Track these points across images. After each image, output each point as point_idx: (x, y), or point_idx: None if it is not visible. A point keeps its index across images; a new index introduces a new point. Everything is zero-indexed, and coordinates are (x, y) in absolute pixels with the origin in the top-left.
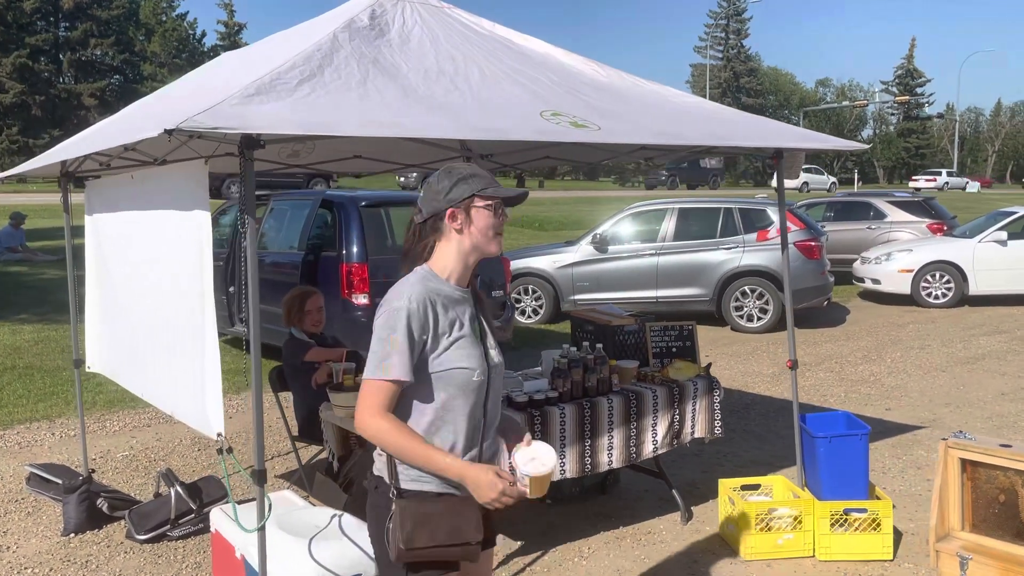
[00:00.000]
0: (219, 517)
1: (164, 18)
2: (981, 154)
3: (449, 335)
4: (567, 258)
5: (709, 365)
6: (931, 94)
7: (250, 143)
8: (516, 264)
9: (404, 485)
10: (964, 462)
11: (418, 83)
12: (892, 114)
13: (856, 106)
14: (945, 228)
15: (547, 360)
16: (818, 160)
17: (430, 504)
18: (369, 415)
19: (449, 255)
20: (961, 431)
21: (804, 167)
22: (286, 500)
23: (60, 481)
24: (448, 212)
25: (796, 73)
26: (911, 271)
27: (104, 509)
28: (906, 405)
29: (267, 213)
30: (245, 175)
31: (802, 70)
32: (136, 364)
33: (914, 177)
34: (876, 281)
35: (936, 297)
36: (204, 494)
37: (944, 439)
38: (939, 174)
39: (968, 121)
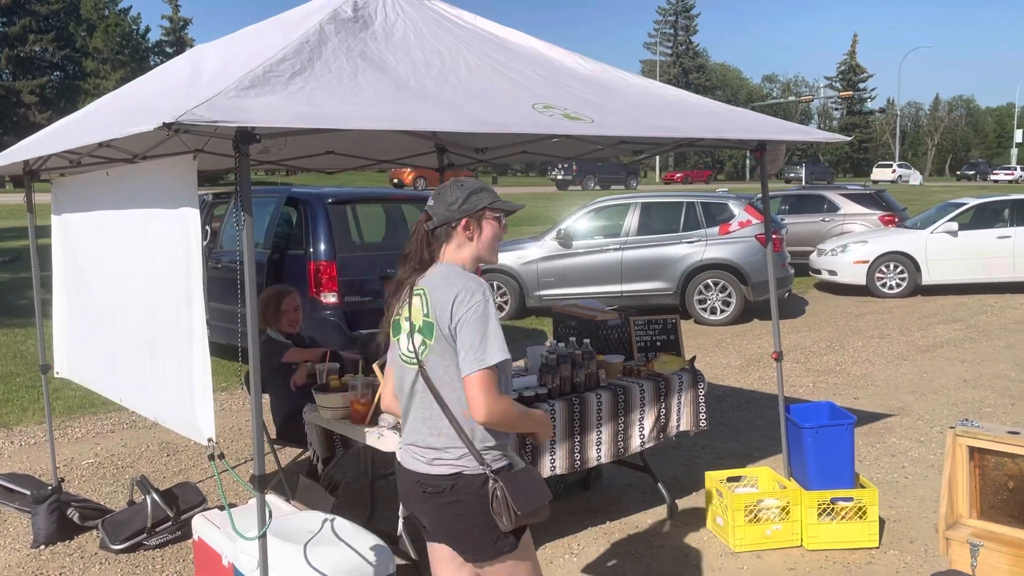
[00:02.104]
0: (203, 524)
1: (106, 13)
2: (921, 148)
3: None
4: (532, 254)
5: (693, 358)
6: (873, 89)
7: (246, 137)
8: None
9: (494, 466)
10: (972, 450)
11: (408, 76)
12: (836, 109)
13: (802, 101)
14: (896, 220)
15: (533, 356)
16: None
17: (518, 472)
18: (493, 400)
19: (463, 258)
20: (967, 419)
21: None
22: (273, 505)
23: (28, 492)
24: (463, 221)
25: (743, 69)
26: (866, 262)
27: (75, 519)
28: (873, 394)
29: (229, 211)
30: (241, 170)
31: (749, 66)
32: (114, 369)
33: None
34: (833, 272)
35: (891, 287)
36: (180, 501)
37: (952, 428)
38: (907, 167)
39: (908, 116)
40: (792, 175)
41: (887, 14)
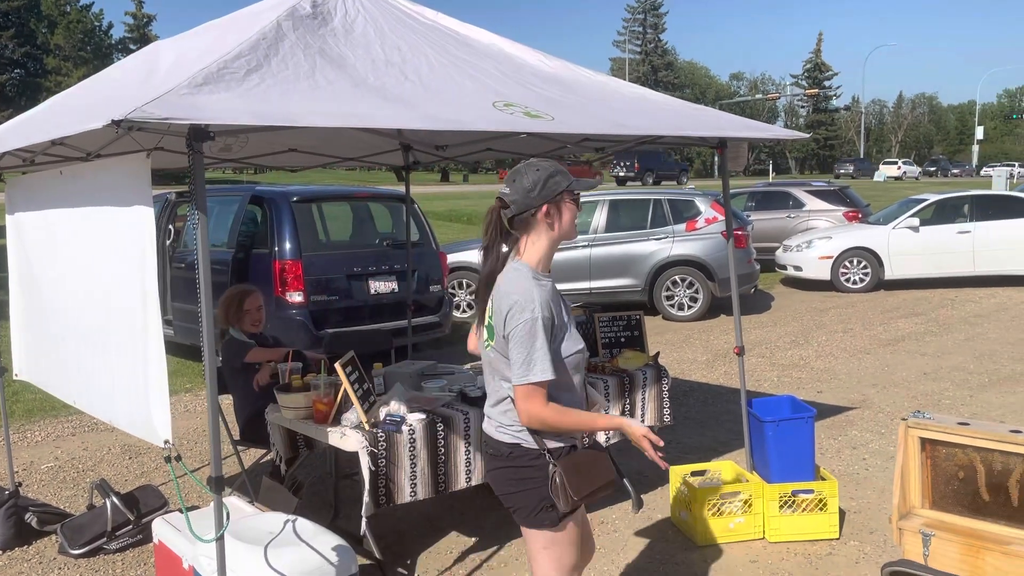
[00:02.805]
0: (163, 527)
1: (68, 9)
2: (885, 144)
3: (564, 327)
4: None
5: (657, 354)
6: (838, 87)
7: (200, 135)
8: (450, 258)
9: (550, 445)
10: (923, 441)
11: (367, 73)
12: (802, 106)
13: (768, 99)
14: (860, 216)
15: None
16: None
17: (578, 457)
18: (538, 410)
19: (540, 248)
20: (919, 411)
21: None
22: (235, 506)
23: None
24: (543, 208)
25: (711, 67)
26: (831, 257)
27: (33, 524)
28: (836, 387)
29: (191, 209)
30: (195, 168)
31: (717, 64)
32: (68, 371)
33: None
34: (798, 268)
35: (854, 282)
36: (141, 504)
37: (904, 419)
38: (910, 163)
39: (873, 113)
40: (842, 170)
41: (852, 13)
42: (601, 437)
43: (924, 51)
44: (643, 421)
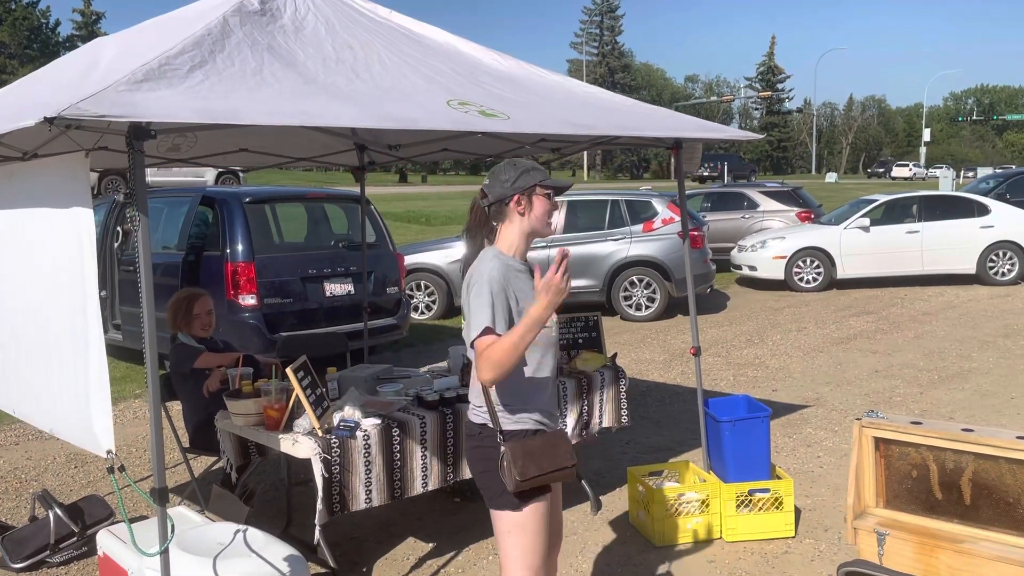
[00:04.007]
0: (108, 539)
1: (13, 6)
2: (836, 146)
3: (526, 298)
4: (460, 253)
5: (615, 355)
6: (791, 90)
7: (140, 133)
8: (408, 260)
9: (506, 427)
10: (877, 440)
11: (317, 71)
12: (756, 109)
13: (723, 101)
14: (812, 216)
15: (455, 356)
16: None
17: (531, 441)
18: (484, 359)
19: (512, 235)
20: (873, 411)
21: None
22: (182, 516)
23: None
24: (515, 198)
25: (667, 69)
26: (784, 257)
27: None
28: (791, 385)
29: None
30: (135, 169)
31: (672, 66)
32: (7, 378)
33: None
34: (752, 268)
35: (807, 281)
36: (86, 515)
37: (858, 419)
38: (919, 165)
39: (824, 115)
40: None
41: (804, 16)
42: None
43: (873, 55)
44: (601, 423)
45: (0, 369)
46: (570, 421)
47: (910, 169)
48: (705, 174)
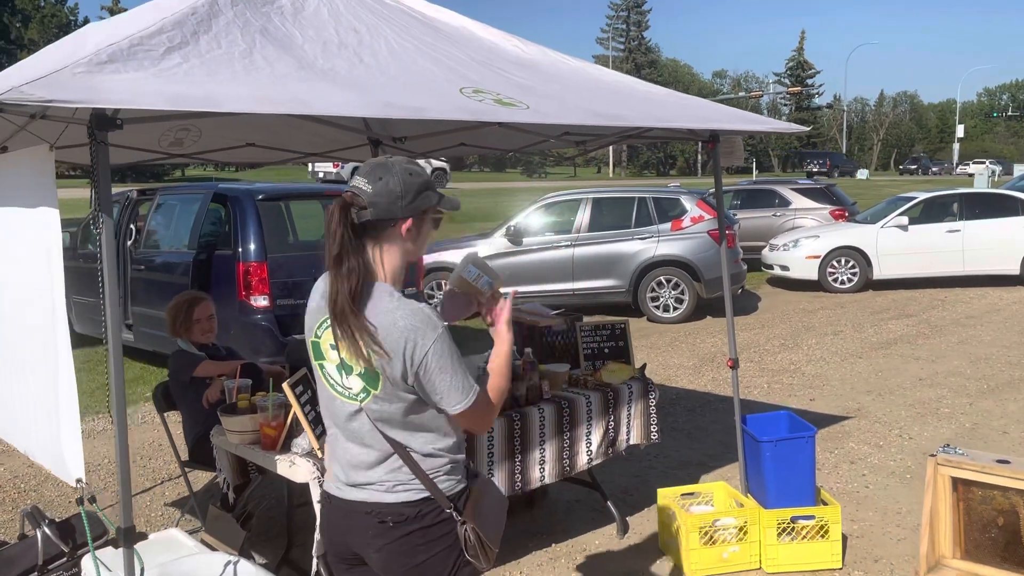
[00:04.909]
0: (91, 566)
1: (42, 4)
2: (867, 143)
3: None
4: (480, 251)
5: (644, 366)
6: (820, 85)
7: (103, 122)
8: (428, 259)
9: (451, 492)
10: (956, 481)
11: (316, 56)
12: (785, 104)
13: (751, 97)
14: (847, 214)
15: (470, 367)
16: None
17: (476, 498)
18: (487, 408)
19: (395, 265)
20: (949, 444)
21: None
22: (173, 542)
23: None
24: (408, 222)
25: (693, 65)
26: (818, 257)
27: None
28: (829, 394)
29: (152, 209)
30: (97, 163)
31: (699, 62)
32: None
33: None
34: (785, 267)
35: (842, 282)
36: (78, 533)
37: (932, 455)
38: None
39: (855, 111)
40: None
41: (834, 11)
42: (583, 459)
43: (905, 50)
44: (628, 439)
45: None
46: (595, 438)
47: (987, 166)
48: (815, 170)
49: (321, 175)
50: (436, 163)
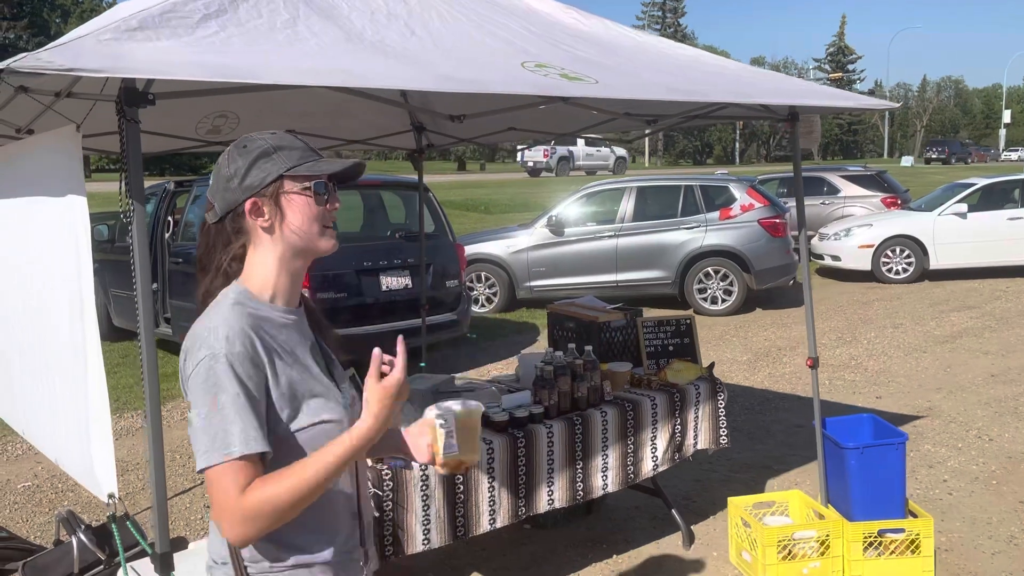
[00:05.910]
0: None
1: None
2: (909, 129)
3: (303, 375)
4: (522, 242)
5: (712, 365)
6: (862, 71)
7: (133, 97)
8: (468, 250)
9: None
10: None
11: (364, 27)
12: None
13: None
14: (899, 202)
15: (526, 366)
16: (756, 136)
17: None
18: (234, 503)
19: (266, 264)
20: None
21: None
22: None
23: None
24: (249, 204)
25: (731, 51)
26: (871, 246)
27: None
28: (896, 392)
29: (190, 201)
30: (128, 144)
31: (737, 48)
32: (14, 394)
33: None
34: (836, 257)
35: (897, 272)
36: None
37: None
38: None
39: (897, 97)
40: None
41: None
42: (648, 465)
43: (949, 34)
44: (696, 444)
45: (7, 385)
46: (660, 443)
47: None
48: (933, 156)
49: (531, 164)
50: (619, 151)
